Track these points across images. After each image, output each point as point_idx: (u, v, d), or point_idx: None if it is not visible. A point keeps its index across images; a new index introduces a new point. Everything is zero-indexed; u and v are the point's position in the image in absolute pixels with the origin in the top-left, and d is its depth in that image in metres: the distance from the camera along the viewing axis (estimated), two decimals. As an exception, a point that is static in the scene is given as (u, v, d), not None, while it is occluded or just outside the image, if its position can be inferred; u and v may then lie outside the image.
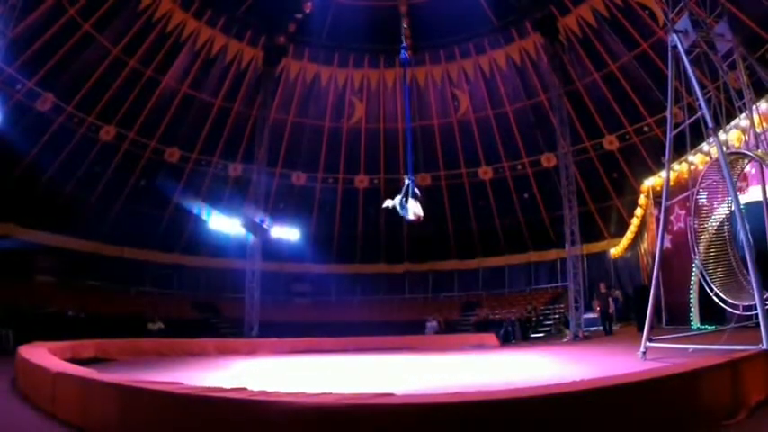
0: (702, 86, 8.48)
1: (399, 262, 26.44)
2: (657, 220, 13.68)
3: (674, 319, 14.06)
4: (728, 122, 10.49)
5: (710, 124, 8.10)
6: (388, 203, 10.05)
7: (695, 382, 4.24)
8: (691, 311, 13.58)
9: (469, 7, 21.20)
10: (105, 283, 21.07)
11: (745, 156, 8.96)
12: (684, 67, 8.65)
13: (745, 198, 10.90)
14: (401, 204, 9.55)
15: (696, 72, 8.58)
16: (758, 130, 8.49)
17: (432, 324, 21.89)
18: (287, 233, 23.64)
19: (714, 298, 10.16)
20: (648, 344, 8.45)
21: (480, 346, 17.28)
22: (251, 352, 15.94)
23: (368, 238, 26.17)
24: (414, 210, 9.34)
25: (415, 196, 9.46)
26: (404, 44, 13.41)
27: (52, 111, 19.41)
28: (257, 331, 19.71)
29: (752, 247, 7.14)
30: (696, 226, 10.37)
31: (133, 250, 22.04)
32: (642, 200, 18.77)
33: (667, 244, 14.46)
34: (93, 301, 18.47)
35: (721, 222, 10.67)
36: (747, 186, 11.48)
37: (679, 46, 8.70)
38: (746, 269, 8.09)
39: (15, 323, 13.71)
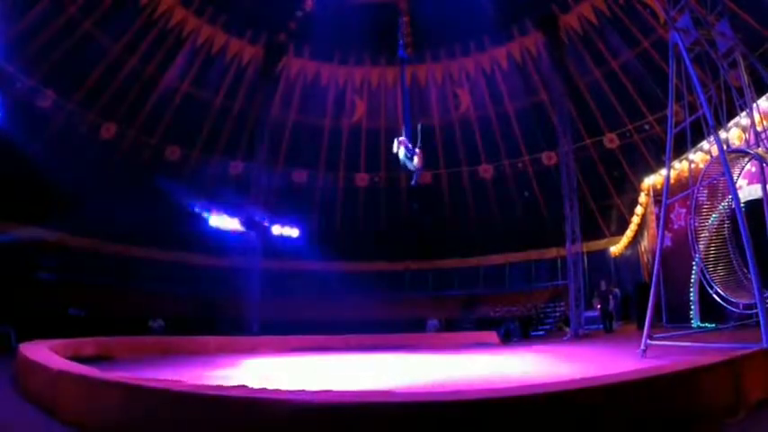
0: (703, 85, 8.48)
1: (400, 260, 26.45)
2: (658, 218, 13.67)
3: (674, 317, 14.06)
4: (729, 121, 10.49)
5: (711, 122, 8.11)
6: (395, 149, 10.84)
7: (695, 380, 4.25)
8: (691, 310, 13.60)
9: (470, 5, 21.17)
10: (106, 280, 21.07)
11: (746, 154, 8.97)
12: (685, 65, 8.66)
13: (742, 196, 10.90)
14: (405, 156, 10.38)
15: (697, 70, 8.58)
16: (759, 128, 8.49)
17: (433, 322, 21.92)
18: (287, 231, 23.63)
19: (714, 296, 10.19)
20: (649, 342, 8.46)
21: (481, 345, 17.29)
22: (252, 350, 15.96)
23: (368, 236, 26.17)
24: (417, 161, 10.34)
25: (412, 153, 10.31)
26: (401, 41, 13.47)
27: (53, 108, 19.43)
28: (258, 329, 19.74)
29: (752, 246, 7.14)
30: (696, 224, 10.39)
31: (134, 248, 22.06)
32: (643, 198, 18.77)
33: (668, 242, 14.47)
34: (95, 298, 18.48)
35: (721, 221, 10.69)
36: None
37: (680, 44, 8.70)
38: (746, 267, 8.10)
39: (17, 321, 13.71)
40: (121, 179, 21.73)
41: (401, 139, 10.80)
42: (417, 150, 10.59)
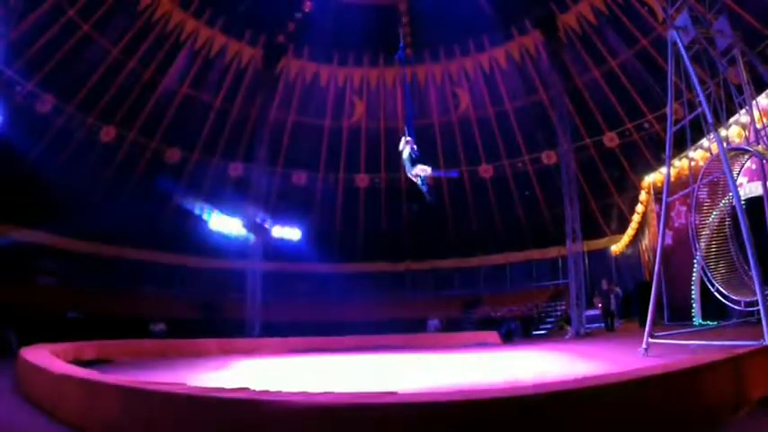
0: (702, 82, 8.48)
1: (400, 260, 26.46)
2: (658, 216, 13.66)
3: (675, 315, 14.06)
4: (729, 118, 10.48)
5: (711, 120, 8.11)
6: (401, 147, 10.77)
7: (697, 378, 4.24)
8: (693, 307, 13.59)
9: (469, 5, 21.20)
10: (106, 284, 21.07)
11: (746, 151, 8.97)
12: (684, 63, 8.65)
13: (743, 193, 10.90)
14: (409, 157, 10.30)
15: (696, 68, 8.58)
16: (758, 125, 8.49)
17: (433, 322, 21.92)
18: (288, 233, 23.64)
19: (716, 294, 10.17)
20: (650, 340, 8.45)
21: (482, 344, 17.28)
22: (253, 352, 15.96)
23: (369, 237, 26.18)
24: (419, 169, 10.08)
25: (417, 155, 10.27)
26: (401, 43, 13.46)
27: (52, 112, 19.43)
28: (259, 331, 19.75)
29: (753, 243, 7.13)
30: (697, 222, 10.39)
31: (134, 251, 22.05)
32: (643, 196, 18.78)
33: (668, 240, 14.48)
34: (95, 302, 18.47)
35: (722, 218, 10.68)
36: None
37: (679, 42, 8.70)
38: (748, 264, 8.09)
39: (18, 325, 13.69)
40: (121, 182, 21.77)
41: (408, 139, 10.70)
42: (428, 170, 10.31)
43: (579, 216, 19.07)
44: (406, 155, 10.50)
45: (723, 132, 9.69)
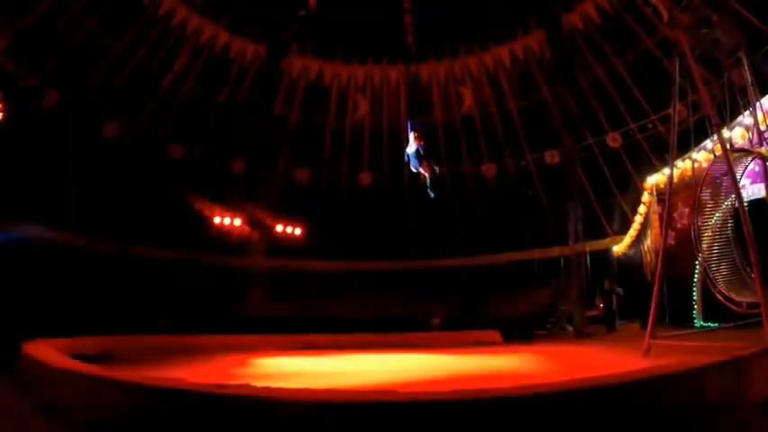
0: (707, 83, 8.47)
1: (401, 259, 26.43)
2: (661, 217, 13.66)
3: (677, 316, 14.04)
4: (732, 120, 10.46)
5: (714, 121, 8.10)
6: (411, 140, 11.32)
7: (698, 379, 4.25)
8: (694, 309, 13.57)
9: (474, 3, 21.15)
10: (109, 280, 21.03)
11: (749, 153, 8.96)
12: (689, 63, 8.64)
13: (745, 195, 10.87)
14: (416, 155, 10.58)
15: (700, 69, 8.57)
16: (762, 127, 8.48)
17: (435, 321, 21.91)
18: (290, 230, 23.62)
19: (717, 295, 10.16)
20: (652, 341, 8.46)
21: (483, 343, 17.28)
22: (254, 349, 15.98)
23: (370, 235, 26.15)
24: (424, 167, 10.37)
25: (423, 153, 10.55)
26: (407, 40, 13.50)
27: (54, 107, 19.42)
28: (260, 328, 19.76)
29: (755, 245, 7.13)
30: (699, 223, 10.37)
31: (136, 247, 22.01)
32: (645, 197, 18.73)
33: (670, 241, 14.44)
34: (97, 299, 18.45)
35: (725, 220, 10.67)
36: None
37: (683, 43, 8.68)
38: (750, 266, 8.08)
39: (21, 321, 13.69)
40: (124, 179, 21.73)
41: (417, 134, 10.83)
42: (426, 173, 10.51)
43: (581, 216, 19.05)
44: (412, 149, 10.57)
45: (727, 134, 9.68)
